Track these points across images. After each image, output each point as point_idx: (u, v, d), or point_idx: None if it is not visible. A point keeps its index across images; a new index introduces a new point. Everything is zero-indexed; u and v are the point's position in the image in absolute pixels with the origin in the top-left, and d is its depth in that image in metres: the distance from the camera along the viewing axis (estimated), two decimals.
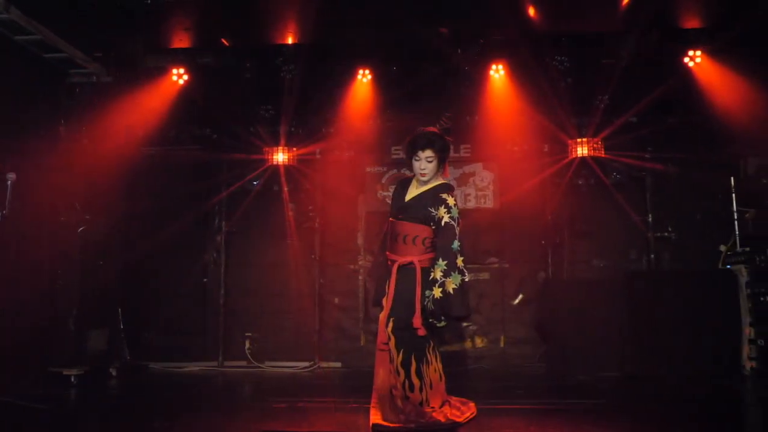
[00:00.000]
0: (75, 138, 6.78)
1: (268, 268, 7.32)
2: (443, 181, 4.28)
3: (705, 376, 5.84)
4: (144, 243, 7.10)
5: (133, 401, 5.59)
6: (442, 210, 4.10)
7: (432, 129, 4.27)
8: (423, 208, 4.15)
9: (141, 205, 7.17)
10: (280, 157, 7.20)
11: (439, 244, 4.08)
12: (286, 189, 7.25)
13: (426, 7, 6.08)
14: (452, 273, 3.98)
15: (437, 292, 3.99)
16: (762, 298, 5.94)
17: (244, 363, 7.08)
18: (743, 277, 6.21)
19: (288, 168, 7.25)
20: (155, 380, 6.49)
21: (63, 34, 6.21)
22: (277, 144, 7.22)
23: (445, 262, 4.00)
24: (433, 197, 4.15)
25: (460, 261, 4.02)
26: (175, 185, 7.23)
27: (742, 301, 6.19)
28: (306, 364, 7.03)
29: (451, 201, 4.12)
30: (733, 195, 6.56)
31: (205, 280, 7.36)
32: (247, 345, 7.11)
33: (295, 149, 7.25)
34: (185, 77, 7.02)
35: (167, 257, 7.26)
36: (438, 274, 4.00)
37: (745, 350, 6.12)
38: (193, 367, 7.01)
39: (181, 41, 6.82)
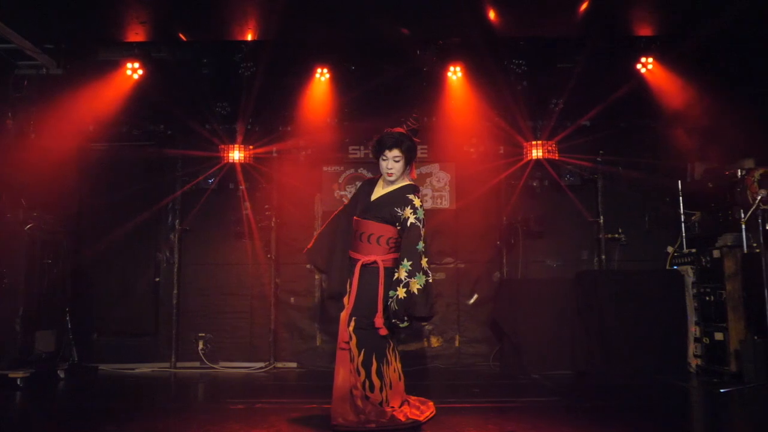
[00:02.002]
0: (23, 132, 6.59)
1: (223, 267, 7.24)
2: (409, 182, 4.29)
3: (653, 373, 6.02)
4: (94, 241, 6.94)
5: (82, 404, 5.42)
6: (408, 210, 4.12)
7: (399, 129, 4.28)
8: (389, 208, 4.15)
9: (91, 202, 7.03)
10: (236, 155, 7.07)
11: (404, 244, 4.09)
12: (242, 187, 7.15)
13: (385, 7, 6.07)
14: (417, 274, 4.00)
15: (401, 293, 3.99)
16: (707, 298, 6.14)
17: (197, 364, 6.99)
18: (689, 278, 6.44)
19: (244, 166, 7.14)
20: (105, 382, 6.34)
21: (11, 23, 6.00)
22: (233, 142, 7.10)
23: (410, 262, 4.02)
24: (400, 197, 4.17)
25: (424, 262, 4.05)
26: (127, 182, 7.07)
27: (688, 301, 6.42)
28: (261, 364, 6.97)
29: (417, 202, 4.14)
30: (680, 198, 6.81)
31: (157, 279, 7.22)
32: (201, 345, 7.01)
33: (251, 147, 7.14)
34: (140, 72, 6.84)
35: (119, 256, 7.11)
36: (402, 274, 4.01)
37: (691, 348, 6.35)
38: (145, 369, 6.88)
39: (136, 35, 6.64)
